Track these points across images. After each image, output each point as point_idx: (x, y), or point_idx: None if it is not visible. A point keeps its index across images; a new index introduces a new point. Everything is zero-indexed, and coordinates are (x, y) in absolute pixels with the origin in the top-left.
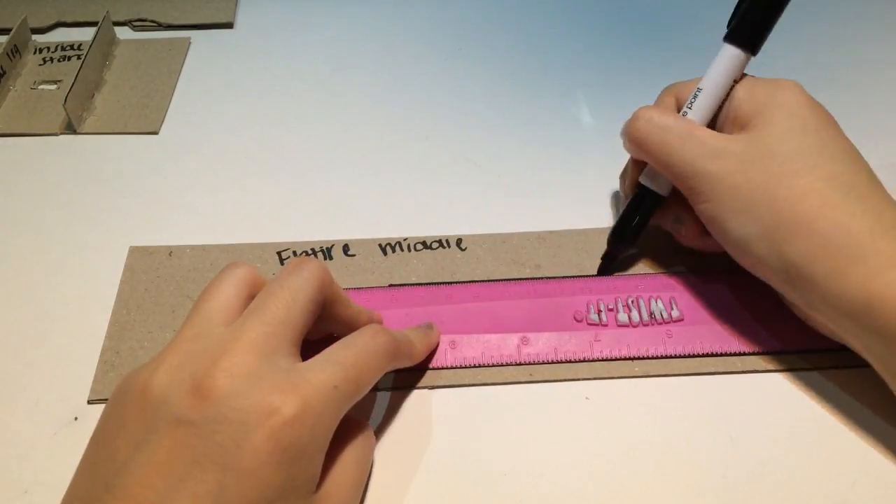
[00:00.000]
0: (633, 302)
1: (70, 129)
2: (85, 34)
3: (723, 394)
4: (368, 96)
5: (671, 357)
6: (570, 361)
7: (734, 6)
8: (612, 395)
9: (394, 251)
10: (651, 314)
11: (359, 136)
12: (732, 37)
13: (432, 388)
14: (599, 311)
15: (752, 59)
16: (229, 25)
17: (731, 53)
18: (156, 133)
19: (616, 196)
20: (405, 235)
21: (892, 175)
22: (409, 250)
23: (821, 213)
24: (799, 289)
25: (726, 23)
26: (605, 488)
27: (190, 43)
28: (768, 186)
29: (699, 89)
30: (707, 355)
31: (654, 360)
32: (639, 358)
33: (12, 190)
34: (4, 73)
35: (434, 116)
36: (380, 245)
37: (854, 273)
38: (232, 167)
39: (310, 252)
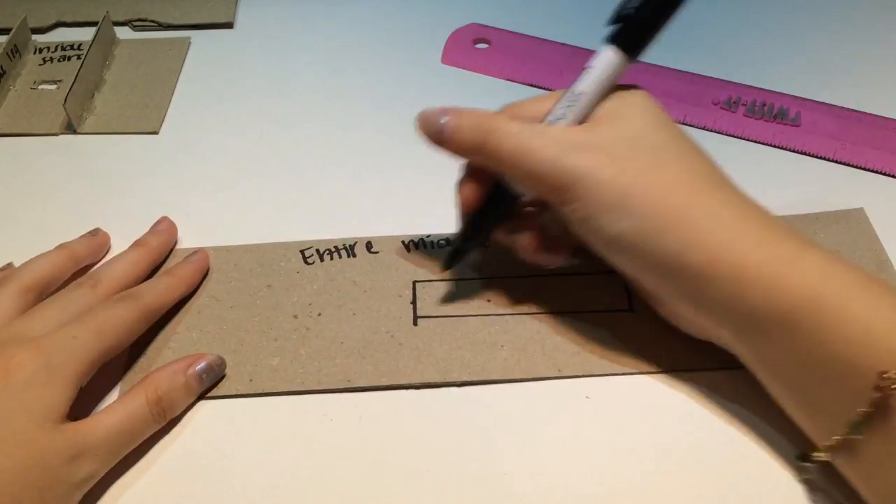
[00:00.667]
0: None
1: (70, 129)
2: (85, 34)
3: (724, 391)
4: (368, 96)
5: None
6: None
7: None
8: (613, 395)
9: (417, 248)
10: None
11: (358, 136)
12: (619, 39)
13: (435, 386)
14: None
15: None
16: (229, 25)
17: (615, 59)
18: (156, 133)
19: None
20: (427, 232)
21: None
22: (433, 247)
23: (693, 202)
24: (672, 280)
25: (609, 21)
26: (605, 488)
27: (190, 43)
28: (639, 179)
29: (575, 101)
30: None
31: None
32: None
33: (12, 190)
34: (4, 73)
35: None
36: (403, 242)
37: (725, 258)
38: (232, 167)
39: (332, 250)
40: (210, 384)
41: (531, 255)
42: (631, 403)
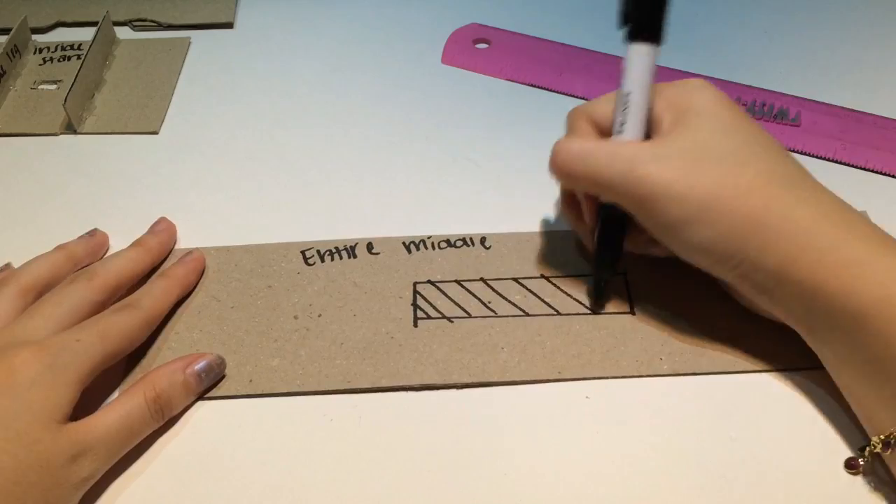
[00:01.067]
0: None
1: (70, 129)
2: (85, 34)
3: (723, 394)
4: (368, 96)
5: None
6: None
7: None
8: (612, 395)
9: (418, 249)
10: None
11: (359, 136)
12: (637, 34)
13: (435, 388)
14: None
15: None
16: (229, 25)
17: (643, 52)
18: (156, 133)
19: None
20: (428, 234)
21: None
22: (434, 248)
23: (768, 207)
24: (754, 280)
25: (620, 23)
26: (605, 488)
27: (190, 43)
28: (712, 189)
29: (627, 102)
30: None
31: (654, 363)
32: None
33: (12, 190)
34: (4, 73)
35: (434, 116)
36: (404, 243)
37: (805, 259)
38: (232, 167)
39: (333, 250)
40: (210, 384)
41: (642, 248)
42: (631, 404)
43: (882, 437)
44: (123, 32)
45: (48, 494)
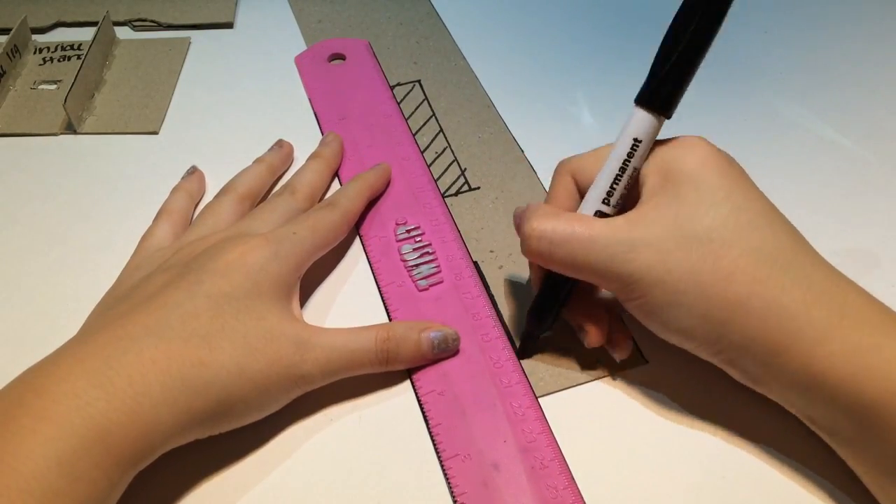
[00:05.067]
0: None
1: (70, 129)
2: (85, 34)
3: (722, 394)
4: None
5: None
6: None
7: (650, 69)
8: (612, 395)
9: None
10: None
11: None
12: (652, 103)
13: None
14: None
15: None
16: (229, 25)
17: (651, 123)
18: (156, 133)
19: None
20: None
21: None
22: None
23: (752, 292)
24: (743, 369)
25: (643, 85)
26: (605, 488)
27: (190, 43)
28: (692, 275)
29: (622, 173)
30: None
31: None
32: None
33: (12, 190)
34: (4, 73)
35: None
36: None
37: (793, 349)
38: (232, 167)
39: None
40: (440, 356)
41: (595, 344)
42: (630, 404)
43: None
44: (123, 32)
45: (269, 369)
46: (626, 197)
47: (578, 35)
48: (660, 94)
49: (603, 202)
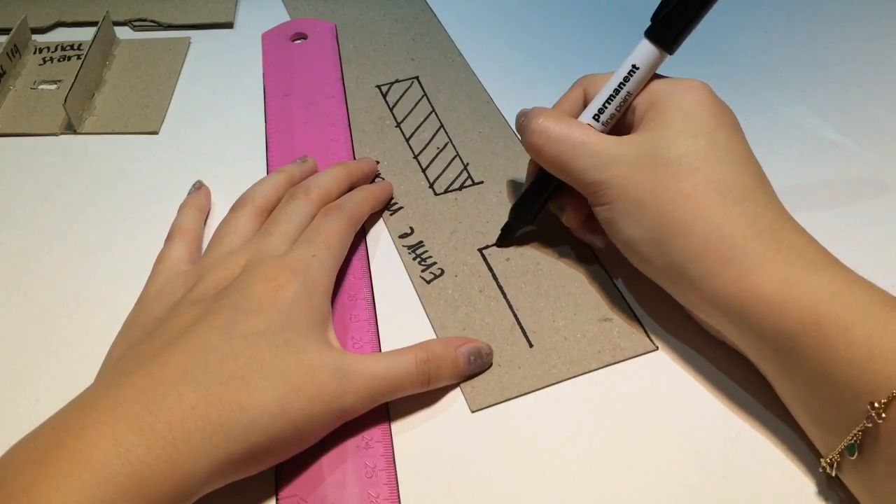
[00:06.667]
0: None
1: (70, 129)
2: (85, 34)
3: (722, 393)
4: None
5: None
6: None
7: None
8: (612, 395)
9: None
10: None
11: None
12: (657, 35)
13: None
14: None
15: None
16: (229, 25)
17: (653, 53)
18: (156, 133)
19: None
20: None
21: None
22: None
23: (699, 216)
24: (680, 288)
25: (652, 15)
26: (605, 489)
27: (190, 43)
28: (654, 190)
29: (616, 94)
30: None
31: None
32: None
33: (12, 190)
34: (4, 73)
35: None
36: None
37: (725, 273)
38: (232, 167)
39: None
40: (476, 371)
41: (575, 231)
42: (631, 404)
43: (828, 460)
44: (123, 32)
45: (311, 407)
46: (621, 121)
47: (574, 30)
48: (663, 28)
49: (594, 117)
